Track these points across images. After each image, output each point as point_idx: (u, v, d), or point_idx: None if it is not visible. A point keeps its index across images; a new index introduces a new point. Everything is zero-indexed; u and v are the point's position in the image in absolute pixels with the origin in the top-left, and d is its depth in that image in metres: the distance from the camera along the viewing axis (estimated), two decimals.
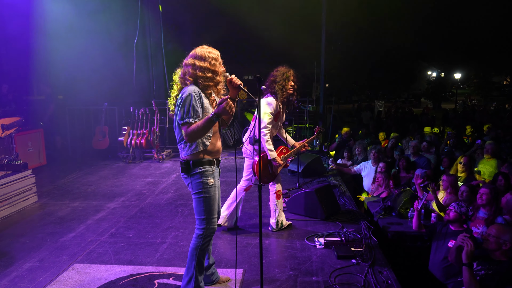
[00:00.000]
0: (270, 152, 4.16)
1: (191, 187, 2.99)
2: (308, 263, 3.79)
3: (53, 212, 5.45)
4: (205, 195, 2.95)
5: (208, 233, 2.99)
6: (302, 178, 6.92)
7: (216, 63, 2.93)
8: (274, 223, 4.52)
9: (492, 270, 3.17)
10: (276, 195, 4.48)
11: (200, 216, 2.98)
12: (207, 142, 2.95)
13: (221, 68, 2.98)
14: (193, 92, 2.83)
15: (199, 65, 2.88)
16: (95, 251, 4.13)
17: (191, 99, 2.81)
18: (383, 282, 3.39)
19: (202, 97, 2.89)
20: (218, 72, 2.94)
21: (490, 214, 4.25)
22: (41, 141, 8.36)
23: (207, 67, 2.89)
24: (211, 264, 3.37)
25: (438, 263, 3.92)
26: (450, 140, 7.96)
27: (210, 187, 2.96)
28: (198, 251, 2.98)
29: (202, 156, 2.94)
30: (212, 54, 2.93)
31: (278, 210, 4.50)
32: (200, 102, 2.85)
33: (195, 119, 2.81)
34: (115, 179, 7.29)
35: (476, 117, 15.84)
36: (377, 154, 6.83)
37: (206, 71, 2.89)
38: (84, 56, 8.75)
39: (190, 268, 3.00)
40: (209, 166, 2.98)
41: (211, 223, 2.99)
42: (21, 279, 3.54)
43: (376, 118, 17.87)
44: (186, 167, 2.95)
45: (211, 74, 2.90)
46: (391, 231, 4.65)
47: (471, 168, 6.02)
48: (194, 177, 2.95)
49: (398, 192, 5.33)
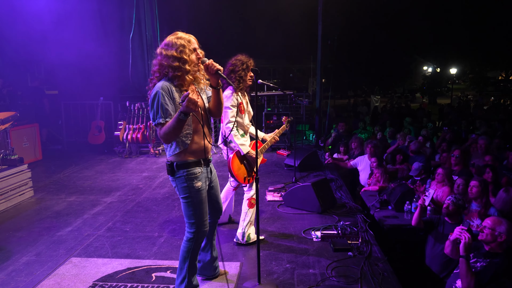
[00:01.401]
0: (241, 147, 3.80)
1: (177, 190, 2.82)
2: (305, 256, 3.80)
3: (49, 206, 5.44)
4: (192, 200, 2.77)
5: (199, 237, 2.86)
6: (299, 172, 6.94)
7: (185, 49, 2.63)
8: (240, 235, 4.03)
9: (487, 262, 3.19)
10: (249, 202, 4.03)
11: (190, 220, 2.83)
12: (187, 141, 2.72)
13: (193, 55, 2.68)
14: (161, 89, 2.60)
15: (165, 54, 2.64)
16: (92, 245, 4.12)
17: (159, 98, 2.58)
18: (379, 274, 3.42)
19: (173, 91, 2.64)
20: (188, 60, 2.64)
21: (482, 207, 4.29)
22: (36, 136, 8.32)
23: (173, 55, 2.62)
24: (215, 258, 3.31)
25: (437, 256, 3.94)
26: (446, 135, 8.00)
27: (198, 191, 2.77)
28: (190, 254, 2.87)
29: (185, 157, 2.73)
30: (180, 40, 2.65)
31: (247, 220, 4.02)
32: (170, 98, 2.62)
33: (166, 118, 2.58)
34: (112, 174, 7.27)
35: (472, 112, 15.92)
36: (373, 148, 6.85)
37: (171, 59, 2.62)
38: (79, 51, 8.68)
39: (183, 269, 2.90)
40: (195, 168, 2.76)
41: (202, 226, 2.85)
42: (18, 273, 3.53)
43: (372, 113, 17.90)
44: (171, 169, 2.75)
45: (178, 62, 2.62)
46: (387, 224, 4.68)
47: (465, 161, 6.05)
48: (179, 180, 2.75)
49: (394, 186, 5.36)
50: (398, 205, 5.02)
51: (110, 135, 9.18)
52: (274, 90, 9.10)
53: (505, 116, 12.85)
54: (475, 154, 6.50)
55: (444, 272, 3.86)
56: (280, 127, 4.45)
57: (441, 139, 7.87)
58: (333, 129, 10.02)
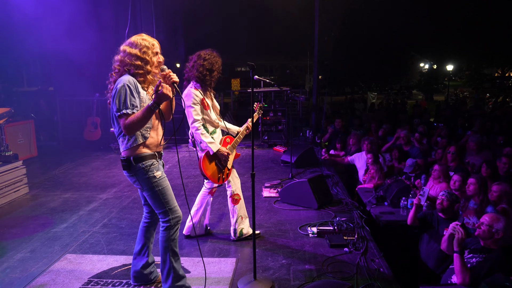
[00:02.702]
0: (210, 146, 3.66)
1: (139, 185, 2.86)
2: (301, 251, 3.81)
3: (44, 203, 5.41)
4: (158, 188, 2.82)
5: (174, 222, 2.89)
6: (295, 168, 6.94)
7: (148, 51, 2.75)
8: (232, 232, 4.08)
9: (483, 257, 3.21)
10: (232, 199, 4.00)
11: (162, 209, 2.87)
12: (147, 134, 2.80)
13: (154, 58, 2.80)
14: (128, 82, 2.68)
15: (129, 52, 2.74)
16: (87, 241, 4.11)
17: (126, 90, 2.66)
18: (375, 270, 3.42)
19: (138, 87, 2.74)
20: (150, 62, 2.77)
21: (479, 204, 4.28)
22: (31, 132, 8.27)
23: (136, 54, 2.73)
24: (150, 263, 3.21)
25: (433, 252, 3.95)
26: (442, 131, 7.99)
27: (160, 179, 2.83)
28: (170, 242, 2.89)
29: (141, 151, 2.78)
30: (145, 42, 2.77)
31: (235, 217, 4.02)
32: (136, 92, 2.71)
33: (133, 109, 2.66)
34: (107, 170, 7.24)
35: (469, 109, 15.91)
36: (370, 145, 6.85)
37: (134, 58, 2.73)
38: (74, 47, 8.62)
39: (166, 261, 2.91)
40: (152, 159, 2.83)
41: (175, 212, 2.89)
42: (12, 270, 3.51)
43: (369, 109, 17.93)
44: (127, 164, 2.78)
45: (140, 62, 2.73)
46: (383, 220, 4.69)
47: (461, 157, 6.06)
48: (139, 174, 2.80)
49: (390, 182, 5.36)
50: (394, 201, 5.03)
51: (106, 132, 9.15)
52: (271, 86, 9.09)
53: (501, 113, 12.87)
54: (470, 151, 6.50)
55: (440, 268, 3.87)
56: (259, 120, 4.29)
57: (436, 135, 7.87)
58: (330, 126, 10.00)
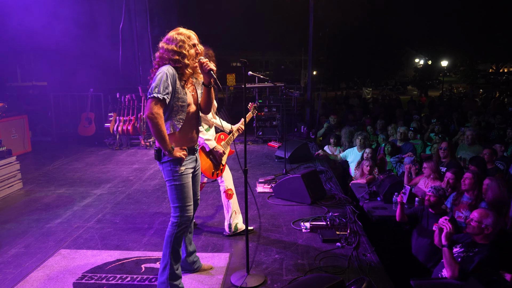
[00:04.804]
0: (207, 143, 3.78)
1: (164, 175, 2.94)
2: (294, 246, 3.84)
3: (38, 198, 5.41)
4: (176, 183, 2.88)
5: (182, 221, 2.93)
6: (289, 164, 6.97)
7: (184, 45, 2.79)
8: (227, 227, 4.12)
9: (473, 252, 3.25)
10: (226, 194, 4.09)
11: (174, 204, 2.93)
12: (179, 125, 2.85)
13: (192, 50, 2.84)
14: (167, 71, 2.75)
15: (166, 48, 2.80)
16: (81, 236, 4.12)
17: (163, 76, 2.72)
18: (367, 264, 3.47)
19: (177, 79, 2.80)
20: (187, 55, 2.81)
21: (473, 199, 4.34)
22: (25, 128, 8.23)
23: (173, 49, 2.78)
24: (192, 252, 3.32)
25: (423, 247, 4.00)
26: (435, 127, 8.05)
27: (181, 175, 2.88)
28: (173, 239, 2.93)
29: (172, 143, 2.84)
30: (181, 36, 2.81)
31: (230, 212, 4.09)
32: (172, 81, 2.76)
33: (164, 95, 2.72)
34: (102, 166, 7.24)
35: (464, 105, 15.98)
36: (363, 140, 6.89)
37: (171, 53, 2.78)
38: (68, 42, 8.57)
39: (166, 255, 2.94)
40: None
41: (186, 211, 2.93)
42: (6, 265, 3.52)
43: (363, 105, 17.95)
44: (158, 154, 2.87)
45: (178, 56, 2.78)
46: (375, 215, 4.73)
47: (453, 153, 6.11)
48: (165, 165, 2.88)
49: (383, 177, 5.41)
50: (386, 196, 5.07)
51: (101, 127, 9.12)
52: (265, 82, 9.10)
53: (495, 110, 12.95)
54: (462, 145, 6.56)
55: (431, 262, 3.92)
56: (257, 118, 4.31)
57: (429, 131, 7.93)
58: (327, 121, 10.02)
